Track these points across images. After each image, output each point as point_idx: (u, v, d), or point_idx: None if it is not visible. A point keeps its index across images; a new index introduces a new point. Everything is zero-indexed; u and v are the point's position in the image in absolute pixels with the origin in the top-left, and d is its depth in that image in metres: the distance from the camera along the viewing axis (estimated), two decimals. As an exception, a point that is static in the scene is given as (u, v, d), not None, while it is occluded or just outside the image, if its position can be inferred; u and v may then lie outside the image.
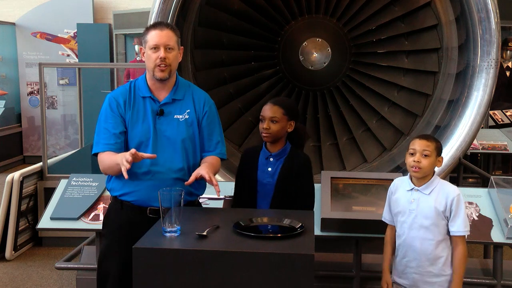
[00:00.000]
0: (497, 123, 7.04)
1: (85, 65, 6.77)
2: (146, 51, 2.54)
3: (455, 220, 2.53)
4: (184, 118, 2.58)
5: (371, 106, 4.76)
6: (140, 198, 2.53)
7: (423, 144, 2.56)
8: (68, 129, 8.75)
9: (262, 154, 2.85)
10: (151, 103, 2.56)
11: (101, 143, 2.52)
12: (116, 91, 2.60)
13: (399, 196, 2.66)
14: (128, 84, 2.62)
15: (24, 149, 8.84)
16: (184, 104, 2.61)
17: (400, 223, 2.65)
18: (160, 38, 2.51)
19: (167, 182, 2.50)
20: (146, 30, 2.58)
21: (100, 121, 2.56)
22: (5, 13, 8.82)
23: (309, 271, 1.97)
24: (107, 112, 2.54)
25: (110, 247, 2.58)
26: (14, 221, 4.56)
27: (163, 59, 2.51)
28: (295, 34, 4.72)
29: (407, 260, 2.62)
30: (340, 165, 4.75)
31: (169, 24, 2.64)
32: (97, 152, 2.53)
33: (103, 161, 2.51)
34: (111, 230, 2.61)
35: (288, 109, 2.81)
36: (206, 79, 4.78)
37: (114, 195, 2.61)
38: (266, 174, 2.80)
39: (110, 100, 2.56)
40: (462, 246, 2.55)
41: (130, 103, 2.54)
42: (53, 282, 4.15)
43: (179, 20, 4.22)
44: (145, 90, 2.57)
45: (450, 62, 4.47)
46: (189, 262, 2.01)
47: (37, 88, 8.61)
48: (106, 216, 2.69)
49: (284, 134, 2.82)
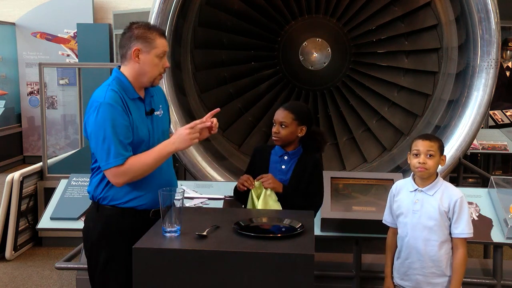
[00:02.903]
0: (497, 123, 7.04)
1: (85, 65, 6.77)
2: (151, 57, 2.42)
3: (459, 222, 2.52)
4: (161, 114, 2.58)
5: (371, 106, 4.76)
6: (148, 201, 2.47)
7: (426, 144, 2.56)
8: (68, 129, 8.75)
9: (273, 152, 2.91)
10: (139, 104, 2.48)
11: (121, 153, 2.34)
12: (110, 97, 2.37)
13: (402, 198, 2.66)
14: (113, 88, 2.40)
15: (24, 149, 8.84)
16: (156, 100, 2.58)
17: (403, 224, 2.64)
18: (167, 47, 2.48)
19: (169, 179, 2.51)
20: (149, 33, 2.42)
21: (108, 130, 2.32)
22: (5, 13, 8.82)
23: (309, 271, 1.97)
24: (115, 121, 2.34)
25: (115, 257, 2.47)
26: (14, 221, 4.56)
27: (166, 68, 2.50)
28: (295, 34, 4.72)
29: (410, 262, 2.61)
30: (340, 165, 4.76)
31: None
32: (118, 164, 2.35)
33: (138, 164, 2.36)
34: (113, 240, 2.46)
35: (299, 114, 2.83)
36: (206, 79, 4.78)
37: (113, 204, 2.45)
38: (279, 171, 2.85)
39: (114, 108, 2.36)
40: (462, 249, 2.55)
41: (126, 108, 2.41)
42: (53, 282, 4.15)
43: (179, 20, 4.22)
44: (134, 91, 2.46)
45: (450, 62, 4.47)
46: (189, 262, 2.01)
47: (37, 88, 8.61)
48: (104, 227, 2.47)
49: (294, 139, 2.85)
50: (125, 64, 2.47)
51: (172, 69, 4.18)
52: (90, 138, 2.41)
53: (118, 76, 2.46)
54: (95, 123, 2.35)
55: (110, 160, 2.33)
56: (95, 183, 2.50)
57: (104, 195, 2.47)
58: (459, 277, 2.54)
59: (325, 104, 4.84)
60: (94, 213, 2.51)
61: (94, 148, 2.39)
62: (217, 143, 4.67)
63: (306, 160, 2.85)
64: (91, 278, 2.57)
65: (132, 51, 2.41)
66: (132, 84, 2.46)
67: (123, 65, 2.49)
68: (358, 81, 4.76)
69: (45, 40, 8.61)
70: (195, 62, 4.74)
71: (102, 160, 2.36)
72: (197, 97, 4.73)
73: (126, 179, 2.38)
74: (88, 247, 2.53)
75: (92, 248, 2.51)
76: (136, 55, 2.42)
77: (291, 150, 2.87)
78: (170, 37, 4.06)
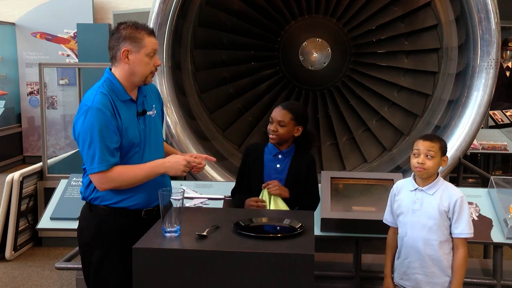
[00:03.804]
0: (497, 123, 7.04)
1: (85, 65, 6.76)
2: (140, 56, 2.41)
3: (459, 222, 2.52)
4: (154, 114, 2.57)
5: (371, 106, 4.76)
6: (140, 201, 2.48)
7: (427, 145, 2.56)
8: (68, 129, 8.74)
9: (267, 151, 2.93)
10: (131, 105, 2.47)
11: (105, 159, 2.35)
12: (99, 101, 2.35)
13: (402, 197, 2.66)
14: (103, 91, 2.40)
15: (24, 149, 8.84)
16: (149, 99, 2.57)
17: (403, 224, 2.64)
18: (156, 45, 2.48)
19: (161, 179, 2.50)
20: (137, 32, 2.41)
21: (95, 135, 2.33)
22: (5, 13, 8.82)
23: (309, 271, 1.97)
24: (102, 127, 2.33)
25: (108, 257, 2.47)
26: (14, 221, 4.56)
27: (157, 66, 2.49)
28: (295, 34, 4.72)
29: (410, 261, 2.61)
30: (340, 165, 4.76)
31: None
32: (102, 170, 2.36)
33: (127, 175, 2.38)
34: (106, 239, 2.47)
35: (296, 114, 2.88)
36: (206, 79, 4.78)
37: (105, 204, 2.46)
38: (274, 170, 2.88)
39: (102, 113, 2.34)
40: (463, 250, 2.54)
41: (115, 111, 2.40)
42: (53, 282, 4.15)
43: (179, 20, 4.22)
44: (124, 93, 2.45)
45: (450, 62, 4.47)
46: (189, 262, 2.01)
47: (37, 88, 8.61)
48: (97, 227, 2.47)
49: (290, 138, 2.89)
50: (115, 65, 2.46)
51: (172, 69, 4.18)
52: (78, 141, 2.42)
53: (109, 77, 2.45)
54: (82, 127, 2.36)
55: (94, 165, 2.35)
56: (85, 183, 2.51)
57: (95, 196, 2.48)
58: (460, 277, 2.54)
59: (325, 104, 4.84)
60: (87, 213, 2.52)
61: (81, 151, 2.41)
62: (217, 143, 4.67)
63: (301, 159, 2.89)
64: (85, 278, 2.58)
65: (121, 52, 2.40)
66: (124, 85, 2.45)
67: (113, 66, 2.48)
68: (358, 81, 4.76)
69: (45, 40, 8.60)
70: (195, 62, 4.74)
71: (87, 164, 2.39)
72: (197, 97, 4.73)
73: (111, 185, 2.40)
74: (82, 247, 2.54)
75: (85, 248, 2.52)
76: (125, 56, 2.41)
77: (285, 149, 2.90)
78: (170, 37, 4.06)
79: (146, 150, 2.50)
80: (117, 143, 2.38)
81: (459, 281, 2.54)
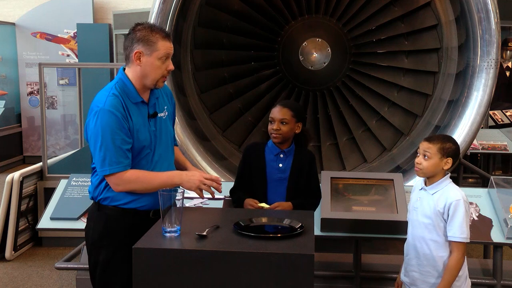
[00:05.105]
0: (497, 123, 7.05)
1: (85, 65, 6.77)
2: (152, 59, 2.39)
3: (451, 225, 2.50)
4: (165, 115, 2.57)
5: (371, 106, 4.76)
6: (149, 203, 2.48)
7: (425, 145, 2.58)
8: (68, 129, 8.75)
9: (268, 151, 2.95)
10: (142, 107, 2.47)
11: (118, 161, 2.36)
12: (110, 103, 2.36)
13: (413, 195, 2.71)
14: (115, 92, 2.41)
15: (24, 149, 8.84)
16: (160, 101, 2.57)
17: (409, 221, 2.70)
18: (171, 49, 2.44)
19: None
20: (152, 35, 2.39)
21: (106, 137, 2.33)
22: (5, 13, 8.83)
23: (309, 271, 1.97)
24: (113, 129, 2.34)
25: (115, 257, 2.47)
26: (14, 221, 4.56)
27: (170, 71, 2.48)
28: (295, 34, 4.72)
29: (409, 258, 2.65)
30: (340, 165, 4.75)
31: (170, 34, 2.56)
32: (117, 172, 2.37)
33: (143, 181, 2.39)
34: (114, 240, 2.47)
35: (296, 111, 2.92)
36: (206, 79, 4.78)
37: (114, 205, 2.46)
38: (277, 170, 2.90)
39: (113, 115, 2.35)
40: (456, 253, 2.50)
41: (126, 113, 2.40)
42: (53, 282, 4.15)
43: (179, 20, 4.22)
44: (136, 95, 2.45)
45: (450, 62, 4.47)
46: (189, 262, 2.01)
47: (37, 88, 8.61)
48: (105, 226, 2.48)
49: (292, 135, 2.93)
50: (128, 66, 2.48)
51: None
52: (89, 142, 2.43)
53: (122, 78, 2.46)
54: (94, 129, 2.37)
55: (105, 167, 2.36)
56: (95, 183, 2.51)
57: (104, 196, 2.48)
58: (449, 278, 2.50)
59: (325, 104, 4.84)
60: (95, 213, 2.52)
61: (93, 153, 2.43)
62: (217, 143, 4.67)
63: (301, 157, 2.93)
64: (92, 277, 2.57)
65: (134, 54, 2.40)
66: (136, 86, 2.45)
67: (127, 66, 2.49)
68: (358, 81, 4.76)
69: (45, 40, 8.61)
70: (195, 62, 4.74)
71: (98, 165, 2.40)
72: (197, 97, 4.73)
73: (127, 188, 2.41)
74: (89, 247, 2.55)
75: (92, 247, 2.52)
76: (137, 58, 2.41)
77: (286, 148, 2.93)
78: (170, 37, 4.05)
79: (156, 152, 2.50)
80: (129, 144, 2.39)
81: (447, 282, 2.50)
